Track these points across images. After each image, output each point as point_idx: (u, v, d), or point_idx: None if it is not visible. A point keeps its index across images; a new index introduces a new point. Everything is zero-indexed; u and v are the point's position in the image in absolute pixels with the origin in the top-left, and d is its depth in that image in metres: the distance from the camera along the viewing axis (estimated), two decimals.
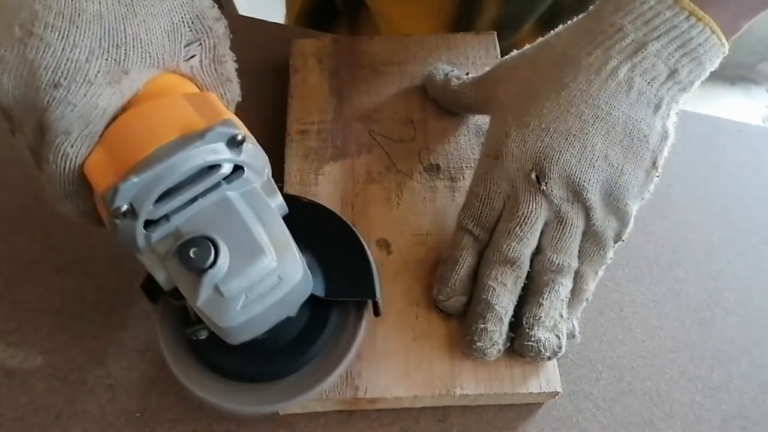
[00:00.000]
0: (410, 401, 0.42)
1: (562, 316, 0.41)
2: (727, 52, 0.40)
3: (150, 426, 0.42)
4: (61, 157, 0.31)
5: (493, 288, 0.41)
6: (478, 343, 0.40)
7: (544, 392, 0.41)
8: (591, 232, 0.42)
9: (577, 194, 0.41)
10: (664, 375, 0.45)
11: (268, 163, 0.35)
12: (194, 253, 0.31)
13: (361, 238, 0.42)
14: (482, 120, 0.53)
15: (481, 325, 0.40)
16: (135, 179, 0.30)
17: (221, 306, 0.32)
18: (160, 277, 0.33)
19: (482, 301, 0.41)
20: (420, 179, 0.50)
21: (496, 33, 0.58)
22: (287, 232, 0.34)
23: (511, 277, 0.41)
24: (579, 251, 0.42)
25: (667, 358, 0.46)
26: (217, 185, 0.33)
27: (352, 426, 0.42)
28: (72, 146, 0.31)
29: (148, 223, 0.32)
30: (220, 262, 0.31)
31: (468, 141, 0.52)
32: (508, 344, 0.41)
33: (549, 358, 0.41)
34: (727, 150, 0.57)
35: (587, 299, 0.43)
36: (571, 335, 0.43)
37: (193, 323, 0.37)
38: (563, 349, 0.41)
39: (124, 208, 0.31)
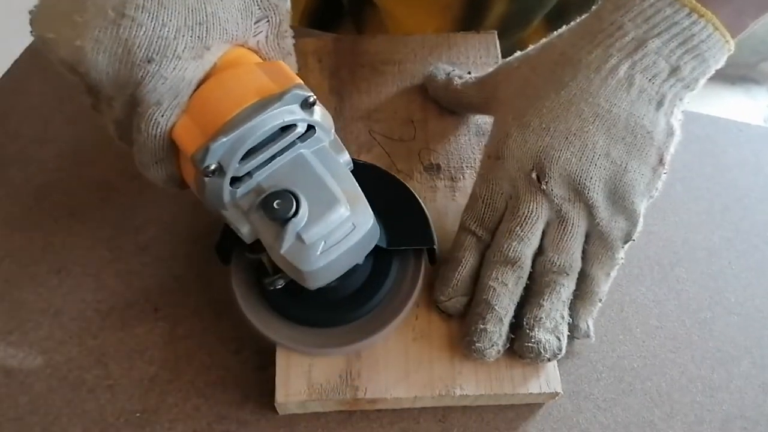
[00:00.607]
0: (410, 402, 0.41)
1: (563, 318, 0.41)
2: (732, 49, 0.40)
3: (150, 426, 0.42)
4: (153, 126, 0.35)
5: (494, 288, 0.41)
6: (477, 344, 0.40)
7: (544, 393, 0.41)
8: (597, 233, 0.41)
9: (578, 193, 0.40)
10: (665, 375, 0.45)
11: (333, 124, 0.38)
12: (278, 204, 0.35)
13: (415, 193, 0.45)
14: (483, 120, 0.53)
15: (481, 326, 0.40)
16: (223, 139, 0.33)
17: (303, 252, 0.35)
18: (244, 230, 0.37)
19: (482, 301, 0.41)
20: (420, 179, 0.50)
21: (497, 32, 0.58)
22: (356, 184, 0.37)
23: (512, 278, 0.41)
24: (587, 253, 0.42)
25: (668, 358, 0.46)
26: (292, 144, 0.36)
27: (352, 426, 0.42)
28: (163, 115, 0.35)
29: (233, 180, 0.36)
30: (301, 211, 0.35)
31: (468, 141, 0.52)
32: (508, 345, 0.41)
33: (549, 360, 0.41)
34: (728, 150, 0.56)
35: (601, 300, 0.43)
36: (586, 335, 0.43)
37: (270, 275, 0.40)
38: (563, 351, 0.41)
39: (213, 166, 0.34)
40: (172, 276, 0.48)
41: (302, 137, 0.36)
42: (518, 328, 0.41)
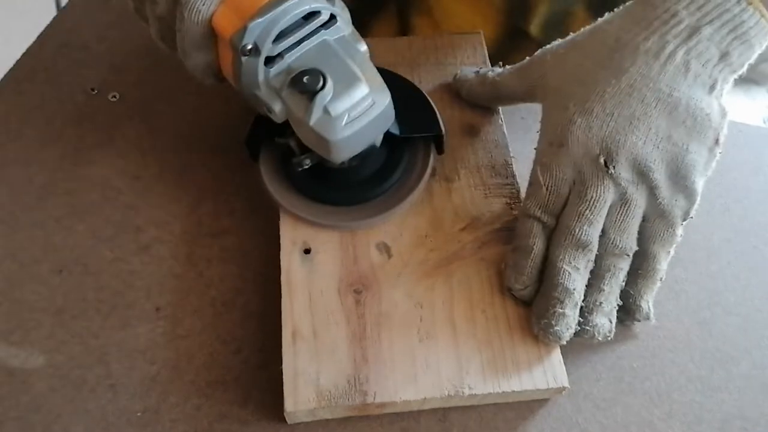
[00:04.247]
0: (419, 404, 0.41)
1: (617, 300, 0.43)
2: None
3: (151, 425, 0.42)
4: (194, 14, 0.40)
5: (569, 272, 0.42)
6: (555, 327, 0.41)
7: (552, 388, 0.41)
8: (658, 212, 0.43)
9: (643, 175, 0.42)
10: (664, 375, 0.45)
11: (350, 19, 0.44)
12: (307, 79, 0.40)
13: (422, 89, 0.51)
14: (475, 120, 0.53)
15: (560, 310, 0.41)
16: (259, 20, 0.39)
17: (330, 123, 0.41)
18: (277, 107, 0.42)
19: (559, 285, 0.42)
20: None
21: (482, 32, 0.59)
22: (374, 68, 0.43)
23: (583, 261, 0.42)
24: (648, 232, 0.43)
25: (667, 358, 0.46)
26: (317, 30, 0.42)
27: (353, 426, 0.42)
28: (203, 4, 0.40)
29: (267, 61, 0.41)
30: (327, 86, 0.40)
31: (461, 141, 0.52)
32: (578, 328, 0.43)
33: (599, 342, 0.43)
34: (727, 151, 0.56)
35: (661, 279, 0.44)
36: (647, 317, 0.44)
37: (297, 155, 0.46)
38: (612, 334, 0.43)
39: (250, 46, 0.39)
40: (173, 276, 0.48)
41: (326, 24, 0.42)
42: None
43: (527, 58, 0.49)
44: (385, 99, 0.42)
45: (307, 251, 0.46)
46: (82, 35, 0.62)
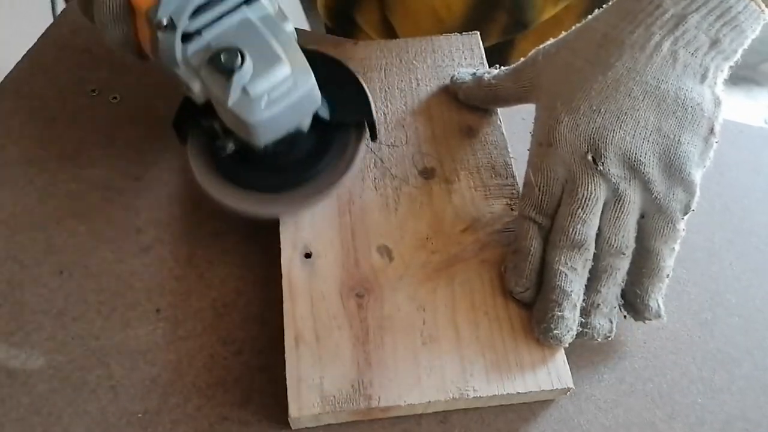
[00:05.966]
0: (423, 407, 0.41)
1: (617, 299, 0.43)
2: None
3: (152, 427, 0.42)
4: None
5: (566, 274, 0.41)
6: (555, 331, 0.41)
7: (556, 389, 0.41)
8: (655, 207, 0.42)
9: (634, 170, 0.42)
10: (666, 376, 0.45)
11: None
12: (224, 57, 0.38)
13: (355, 72, 0.49)
14: (473, 121, 0.53)
15: (558, 313, 0.41)
16: None
17: (248, 105, 0.39)
18: (196, 87, 0.40)
19: (557, 287, 0.42)
20: (416, 183, 0.50)
21: (479, 33, 0.59)
22: (299, 49, 0.41)
23: (580, 261, 0.42)
24: (648, 229, 0.43)
25: (669, 359, 0.46)
26: (238, 6, 0.40)
27: (354, 428, 0.42)
28: None
29: (185, 38, 0.39)
30: (245, 65, 0.38)
31: (460, 142, 0.52)
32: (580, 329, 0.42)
33: (599, 342, 0.42)
34: (728, 151, 0.56)
35: (668, 276, 0.44)
36: (657, 315, 0.44)
37: (221, 138, 0.44)
38: (613, 334, 0.42)
39: (165, 21, 0.37)
40: (173, 277, 0.48)
41: (248, 1, 0.40)
42: None
43: (521, 59, 0.49)
44: (308, 81, 0.40)
45: (307, 255, 0.46)
46: (82, 37, 0.62)
